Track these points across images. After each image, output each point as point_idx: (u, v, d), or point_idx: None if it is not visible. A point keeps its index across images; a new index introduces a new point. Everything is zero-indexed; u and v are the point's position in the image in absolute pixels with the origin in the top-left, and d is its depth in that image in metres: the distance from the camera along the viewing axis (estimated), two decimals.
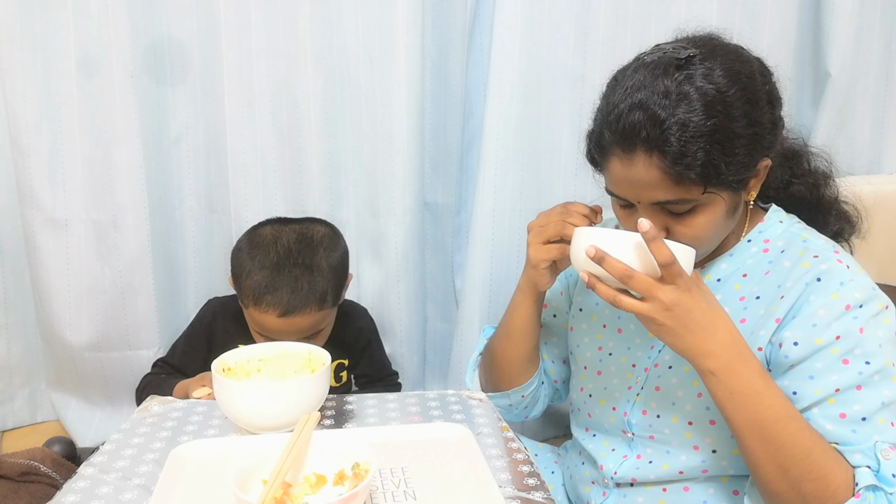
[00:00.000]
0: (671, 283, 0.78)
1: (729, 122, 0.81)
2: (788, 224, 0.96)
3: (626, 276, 0.79)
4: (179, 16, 1.50)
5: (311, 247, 1.25)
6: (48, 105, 1.47)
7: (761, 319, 0.89)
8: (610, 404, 1.02)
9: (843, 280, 0.85)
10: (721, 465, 0.93)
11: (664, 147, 0.80)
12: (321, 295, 1.21)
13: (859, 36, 1.49)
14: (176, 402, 1.03)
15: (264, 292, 1.18)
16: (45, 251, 1.53)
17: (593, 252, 0.79)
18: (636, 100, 0.82)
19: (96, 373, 1.61)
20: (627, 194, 0.87)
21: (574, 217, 0.93)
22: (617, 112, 0.84)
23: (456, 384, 1.63)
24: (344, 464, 0.77)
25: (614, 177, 0.87)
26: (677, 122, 0.79)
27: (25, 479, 1.16)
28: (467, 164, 1.62)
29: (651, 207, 0.86)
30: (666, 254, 0.77)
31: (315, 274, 1.21)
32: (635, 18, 1.49)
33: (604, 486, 1.03)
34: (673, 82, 0.81)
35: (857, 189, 1.07)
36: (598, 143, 0.88)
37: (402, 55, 1.48)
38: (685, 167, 0.80)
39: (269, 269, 1.20)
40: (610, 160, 0.86)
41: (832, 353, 0.82)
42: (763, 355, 0.88)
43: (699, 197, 0.83)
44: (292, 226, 1.30)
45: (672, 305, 0.78)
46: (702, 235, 0.87)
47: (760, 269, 0.93)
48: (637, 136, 0.81)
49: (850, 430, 0.80)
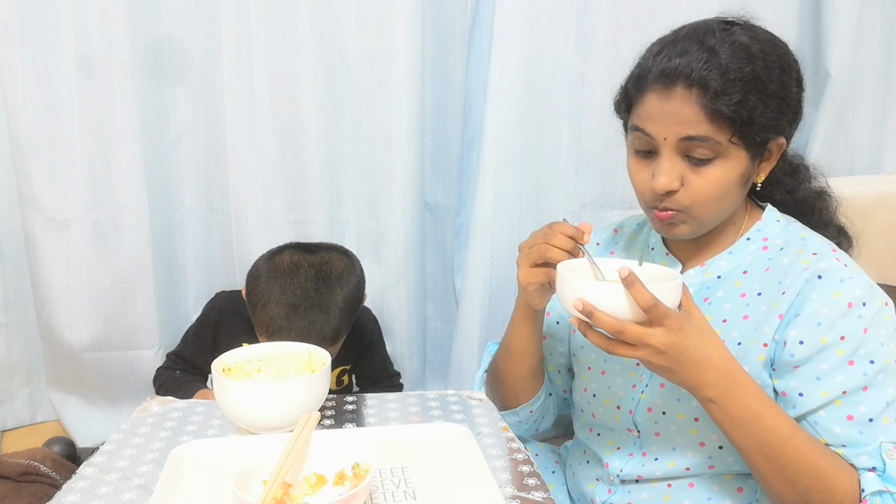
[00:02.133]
0: (660, 326, 0.78)
1: (765, 76, 0.85)
2: (786, 223, 0.97)
3: (618, 332, 0.78)
4: (179, 16, 1.50)
5: (329, 284, 1.25)
6: (48, 105, 1.47)
7: (764, 315, 0.90)
8: (614, 403, 1.02)
9: (842, 278, 0.86)
10: (727, 462, 0.93)
11: (705, 83, 0.83)
12: (334, 333, 1.23)
13: (859, 36, 1.49)
14: (176, 402, 1.03)
15: (279, 329, 1.20)
16: (45, 251, 1.53)
17: (581, 306, 0.79)
18: (681, 48, 0.86)
19: (96, 373, 1.61)
20: (657, 130, 0.87)
21: (557, 239, 0.91)
22: (662, 55, 0.88)
23: (456, 384, 1.63)
24: (344, 464, 0.77)
25: (648, 111, 0.88)
26: (719, 64, 0.84)
27: (25, 479, 1.16)
28: (467, 164, 1.62)
29: (674, 152, 0.87)
30: (647, 297, 0.76)
31: (330, 314, 1.22)
32: (635, 18, 1.49)
33: (609, 483, 1.03)
34: (716, 37, 0.86)
35: (858, 189, 1.07)
36: (638, 80, 0.91)
37: (402, 55, 1.48)
38: (722, 103, 0.83)
39: (286, 307, 1.21)
40: (647, 95, 0.88)
41: (838, 354, 0.84)
42: (768, 352, 0.89)
43: (725, 143, 0.85)
44: (311, 258, 1.28)
45: (665, 348, 0.78)
46: (713, 191, 0.87)
47: (760, 265, 0.94)
48: (680, 72, 0.85)
49: (857, 431, 0.82)
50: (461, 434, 0.91)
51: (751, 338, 0.90)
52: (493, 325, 1.60)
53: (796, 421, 0.85)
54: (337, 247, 1.36)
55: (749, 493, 0.94)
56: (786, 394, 0.87)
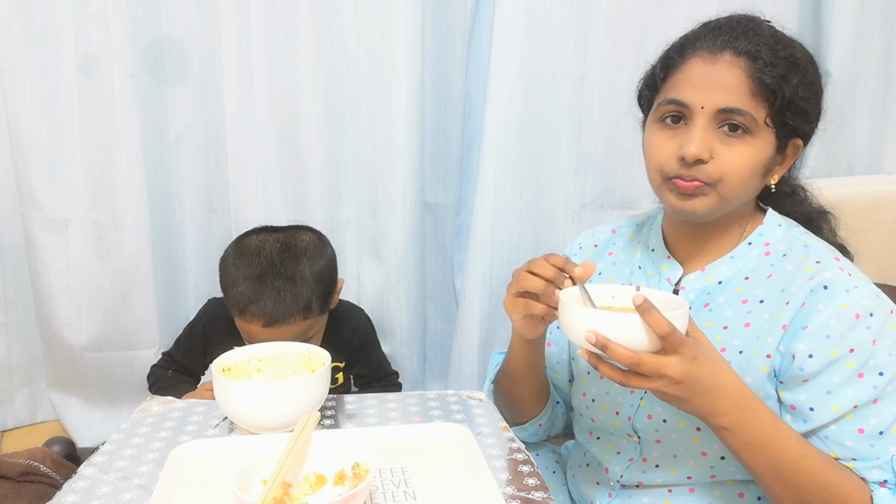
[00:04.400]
0: (675, 354, 0.76)
1: (805, 64, 0.88)
2: (787, 228, 0.96)
3: (634, 364, 0.75)
4: (179, 15, 1.50)
5: (295, 256, 1.26)
6: (48, 105, 1.47)
7: (767, 325, 0.89)
8: (613, 409, 1.00)
9: (848, 288, 0.85)
10: (729, 471, 0.93)
11: (754, 54, 0.84)
12: (305, 304, 1.22)
13: (859, 36, 1.49)
14: (176, 402, 1.04)
15: (248, 303, 1.20)
16: (45, 251, 1.53)
17: (594, 339, 0.76)
18: (728, 25, 0.88)
19: (96, 373, 1.61)
20: (696, 97, 0.86)
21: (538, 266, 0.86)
22: (710, 27, 0.89)
23: (456, 384, 1.63)
24: (344, 464, 0.77)
25: (689, 77, 0.87)
26: (767, 41, 0.85)
27: (25, 479, 1.16)
28: (467, 164, 1.62)
29: (709, 122, 0.86)
30: (664, 325, 0.74)
31: (298, 284, 1.23)
32: (635, 18, 1.49)
33: (609, 487, 1.02)
34: (760, 23, 0.89)
35: (858, 189, 1.07)
36: (681, 46, 0.90)
37: (402, 55, 1.48)
38: (767, 76, 0.83)
39: (253, 280, 1.22)
40: (690, 61, 0.88)
41: (848, 367, 0.83)
42: (771, 363, 0.87)
43: (760, 122, 0.85)
44: (277, 235, 1.30)
45: (682, 378, 0.76)
46: (743, 167, 0.86)
47: (762, 272, 0.92)
48: (729, 42, 0.85)
49: (869, 444, 0.82)
50: (461, 434, 0.90)
51: (753, 347, 0.89)
52: (493, 325, 1.60)
53: (807, 435, 0.84)
54: (306, 227, 1.37)
55: (750, 498, 0.93)
56: (795, 408, 0.85)
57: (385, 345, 1.56)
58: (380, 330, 1.57)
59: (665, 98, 0.89)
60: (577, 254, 1.13)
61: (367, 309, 1.54)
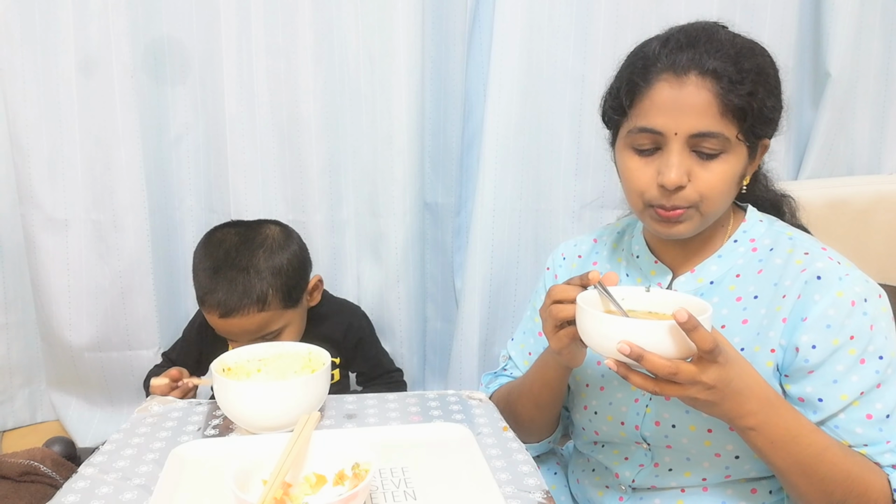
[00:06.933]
0: (713, 363, 0.75)
1: (768, 71, 0.87)
2: (769, 222, 0.97)
3: (672, 374, 0.74)
4: (179, 15, 1.50)
5: (251, 249, 1.27)
6: (48, 105, 1.47)
7: (765, 319, 0.89)
8: (618, 419, 0.99)
9: (840, 276, 0.86)
10: (744, 469, 0.93)
11: (719, 73, 0.82)
12: (259, 296, 1.22)
13: (859, 36, 1.49)
14: (176, 402, 1.04)
15: (205, 293, 1.23)
16: (45, 251, 1.53)
17: (628, 350, 0.73)
18: (689, 39, 0.85)
19: (96, 373, 1.61)
20: (668, 124, 0.85)
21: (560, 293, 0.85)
22: (670, 45, 0.86)
23: (456, 384, 1.63)
24: (344, 464, 0.77)
25: (657, 103, 0.85)
26: (730, 56, 0.83)
27: (25, 479, 1.16)
28: (467, 164, 1.62)
29: (682, 147, 0.85)
30: (709, 340, 0.72)
31: (251, 275, 1.23)
32: (635, 18, 1.49)
33: (620, 491, 1.01)
34: (720, 33, 0.87)
35: (858, 189, 1.08)
36: (644, 70, 0.87)
37: (402, 55, 1.48)
38: (734, 94, 0.82)
39: (210, 271, 1.25)
40: (656, 85, 0.86)
41: (850, 354, 0.84)
42: (776, 358, 0.88)
43: (732, 139, 0.84)
44: (241, 228, 1.32)
45: (715, 383, 0.76)
46: (718, 185, 0.86)
47: (752, 268, 0.93)
48: (693, 61, 0.84)
49: (877, 429, 0.84)
50: (461, 434, 0.91)
51: (754, 343, 0.89)
52: (493, 325, 1.60)
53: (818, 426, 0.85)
54: (275, 221, 1.37)
55: (762, 493, 0.93)
56: (803, 400, 0.86)
57: (385, 345, 1.56)
58: (380, 330, 1.57)
59: (636, 126, 0.88)
60: (562, 265, 1.12)
61: (367, 309, 1.54)
